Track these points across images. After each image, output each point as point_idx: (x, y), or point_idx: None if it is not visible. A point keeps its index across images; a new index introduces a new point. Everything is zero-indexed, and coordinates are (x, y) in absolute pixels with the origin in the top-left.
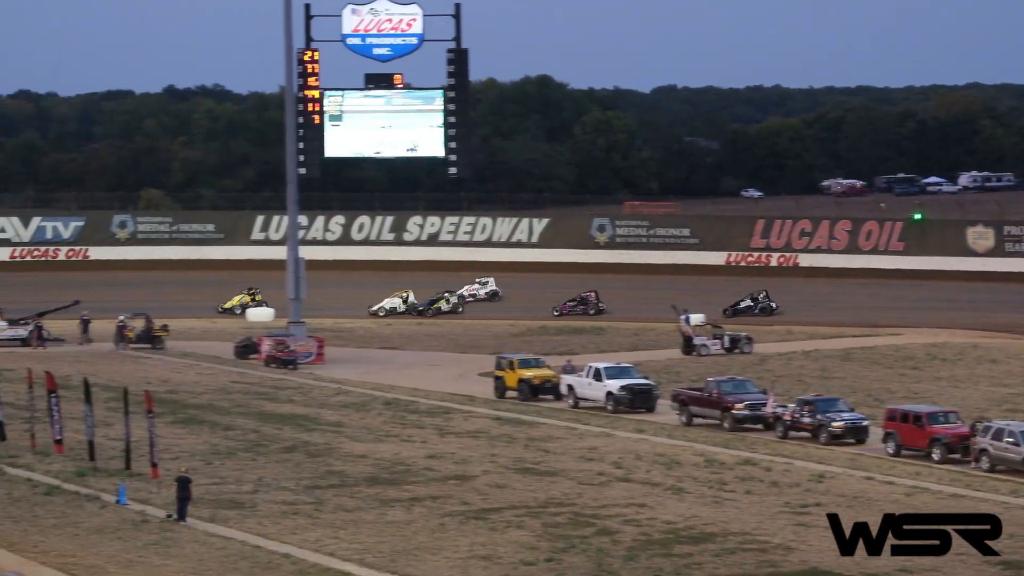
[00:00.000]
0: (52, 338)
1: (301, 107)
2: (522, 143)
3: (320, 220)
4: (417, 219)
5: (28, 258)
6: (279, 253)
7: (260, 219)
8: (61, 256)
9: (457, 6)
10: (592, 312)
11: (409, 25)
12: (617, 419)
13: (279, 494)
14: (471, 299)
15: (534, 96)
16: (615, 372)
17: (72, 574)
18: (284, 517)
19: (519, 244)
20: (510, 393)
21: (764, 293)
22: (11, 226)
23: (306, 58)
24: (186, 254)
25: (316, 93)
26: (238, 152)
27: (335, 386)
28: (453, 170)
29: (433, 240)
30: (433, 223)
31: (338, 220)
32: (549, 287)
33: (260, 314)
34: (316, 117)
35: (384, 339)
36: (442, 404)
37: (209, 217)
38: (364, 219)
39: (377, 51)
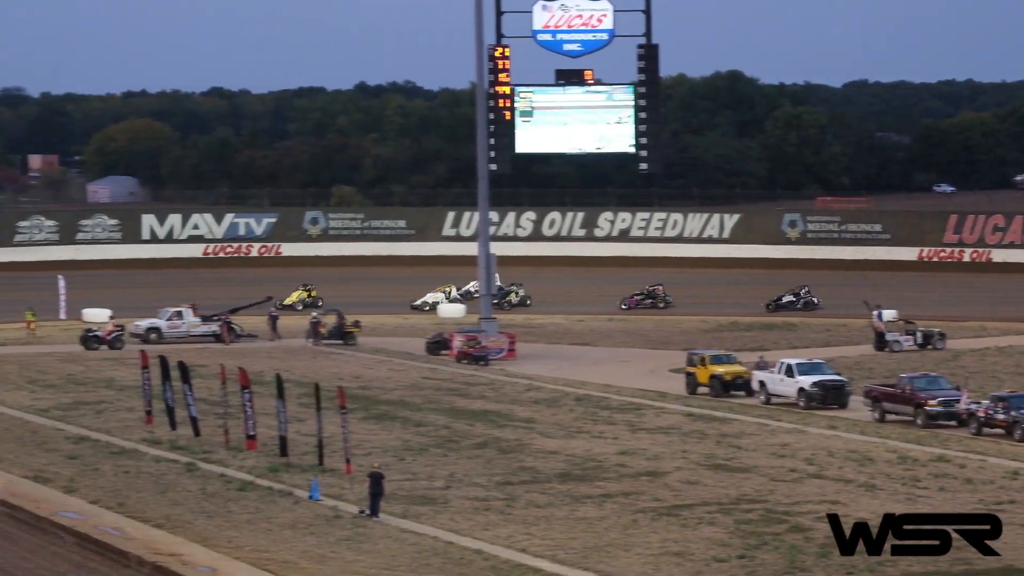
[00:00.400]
0: (245, 334)
1: (492, 103)
2: (713, 139)
3: (511, 216)
4: (608, 215)
5: (221, 255)
6: (470, 249)
7: (451, 215)
8: (254, 252)
9: (647, 1)
10: (661, 306)
11: (599, 21)
12: (809, 415)
13: (471, 490)
14: (478, 294)
15: (724, 91)
16: (807, 368)
17: (265, 569)
18: (476, 513)
19: (710, 240)
20: (701, 389)
21: (806, 288)
22: (205, 223)
23: (497, 54)
24: (377, 250)
25: (507, 89)
26: (429, 148)
27: (527, 382)
28: (644, 166)
29: (624, 236)
30: (624, 219)
31: (529, 216)
32: (740, 283)
33: (451, 310)
34: (507, 113)
35: (575, 335)
36: (633, 400)
37: (400, 213)
38: (555, 215)
39: (568, 47)
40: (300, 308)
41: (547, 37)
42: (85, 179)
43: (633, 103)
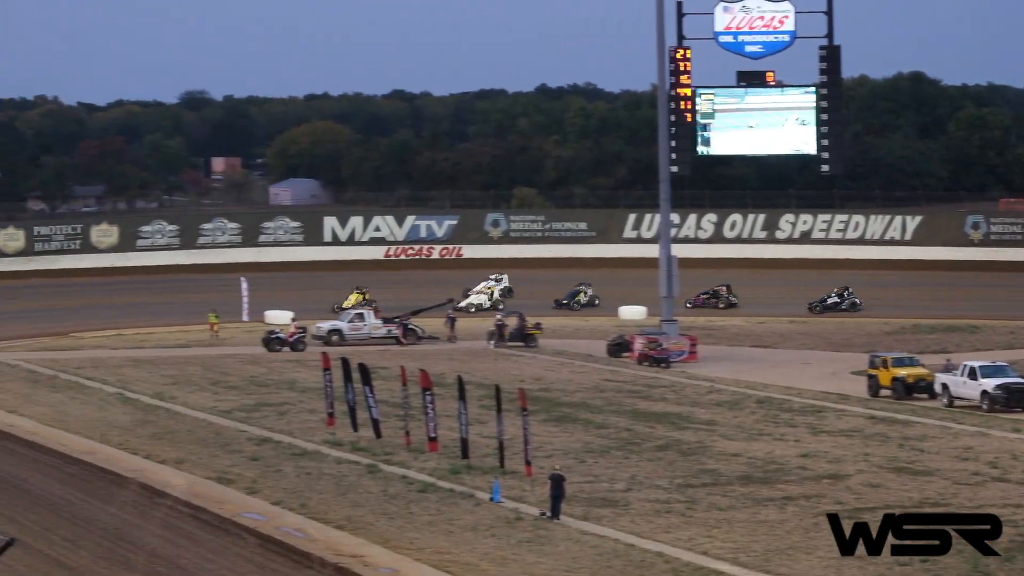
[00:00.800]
0: (426, 336)
1: (673, 105)
2: (895, 140)
3: (692, 218)
4: (789, 216)
5: (402, 256)
6: (651, 251)
7: (632, 217)
8: (435, 254)
9: (829, 2)
10: (722, 306)
11: (781, 22)
12: (992, 418)
13: (652, 492)
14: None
15: (906, 93)
16: (990, 371)
17: (447, 571)
18: (657, 515)
19: (891, 242)
20: (883, 392)
21: (848, 289)
22: (386, 225)
23: (678, 56)
24: (558, 252)
25: (688, 91)
26: (610, 150)
27: (707, 384)
28: (825, 167)
29: (805, 238)
30: (805, 220)
31: (710, 218)
32: (922, 285)
33: (632, 312)
34: (688, 115)
35: (756, 337)
36: (815, 402)
37: (581, 215)
38: (736, 217)
39: (749, 48)
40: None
41: (729, 39)
42: (267, 181)
43: (815, 104)
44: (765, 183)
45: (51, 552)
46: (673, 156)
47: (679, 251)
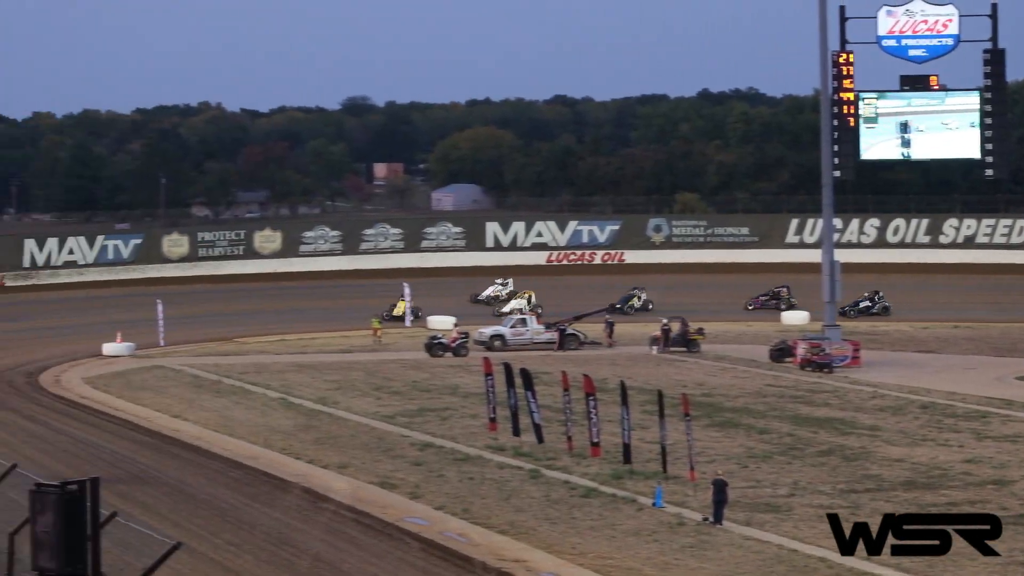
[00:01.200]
0: (588, 341)
1: (836, 110)
2: None
3: (855, 223)
4: (953, 221)
5: (564, 261)
6: (813, 256)
7: (795, 222)
8: (597, 260)
9: (994, 6)
10: (784, 307)
11: (945, 26)
12: None
13: (815, 497)
14: (496, 300)
15: None
16: None
17: None
18: (820, 521)
19: None
20: None
21: (879, 293)
22: (548, 230)
23: (841, 60)
24: (720, 257)
25: (851, 95)
26: (772, 155)
27: (871, 390)
28: (989, 172)
29: (969, 243)
30: (969, 225)
31: (872, 223)
32: None
33: (795, 317)
34: (851, 120)
35: (919, 342)
36: (979, 408)
37: (743, 220)
38: (899, 221)
39: (912, 52)
40: (411, 319)
41: (892, 43)
42: (429, 187)
43: (979, 108)
44: (928, 188)
45: (215, 556)
46: (836, 161)
47: (842, 256)
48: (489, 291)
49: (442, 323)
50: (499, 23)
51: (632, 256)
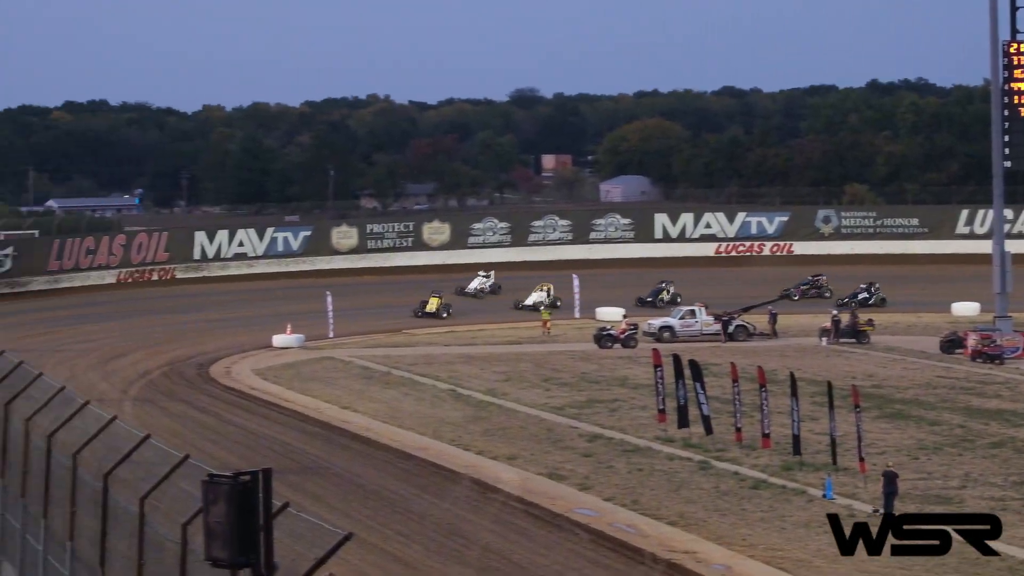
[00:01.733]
0: (757, 332)
1: (1006, 100)
2: None
3: None
4: None
5: (733, 253)
6: (983, 247)
7: (964, 213)
8: (765, 251)
9: None
10: (828, 295)
11: None
12: None
13: (987, 490)
14: (482, 293)
15: None
16: None
17: (779, 568)
18: (993, 512)
19: None
20: None
21: (875, 284)
22: (716, 221)
23: (1011, 50)
24: (889, 248)
25: (1022, 86)
26: (942, 145)
27: None
28: None
29: None
30: None
31: None
32: None
33: (965, 308)
34: (1021, 110)
35: None
36: None
37: (913, 211)
38: None
39: None
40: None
41: None
42: (598, 179)
43: None
44: None
45: (385, 546)
46: (1006, 151)
47: (1013, 247)
48: (475, 284)
49: (611, 315)
50: (668, 14)
51: (801, 247)
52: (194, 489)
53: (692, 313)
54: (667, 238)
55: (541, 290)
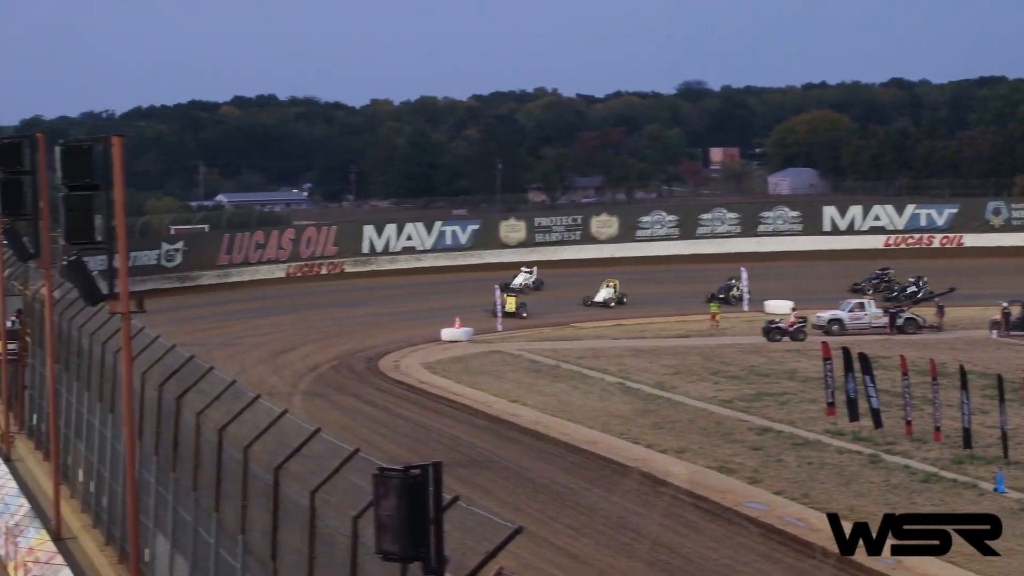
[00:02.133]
0: (927, 325)
1: None
2: None
3: None
4: None
5: (902, 245)
6: None
7: None
8: (935, 243)
9: None
10: (897, 288)
11: None
12: None
13: None
14: (527, 288)
15: None
16: None
17: (950, 562)
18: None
19: None
20: None
21: (889, 269)
22: (885, 213)
23: None
24: None
25: None
26: None
27: None
28: None
29: None
30: None
31: None
32: None
33: None
34: None
35: None
36: None
37: None
38: None
39: None
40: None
41: None
42: (766, 171)
43: None
44: None
45: (555, 540)
46: None
47: None
48: (519, 280)
49: (780, 307)
50: (835, 6)
51: (971, 240)
52: (364, 483)
53: (861, 306)
54: (835, 230)
55: (608, 286)
